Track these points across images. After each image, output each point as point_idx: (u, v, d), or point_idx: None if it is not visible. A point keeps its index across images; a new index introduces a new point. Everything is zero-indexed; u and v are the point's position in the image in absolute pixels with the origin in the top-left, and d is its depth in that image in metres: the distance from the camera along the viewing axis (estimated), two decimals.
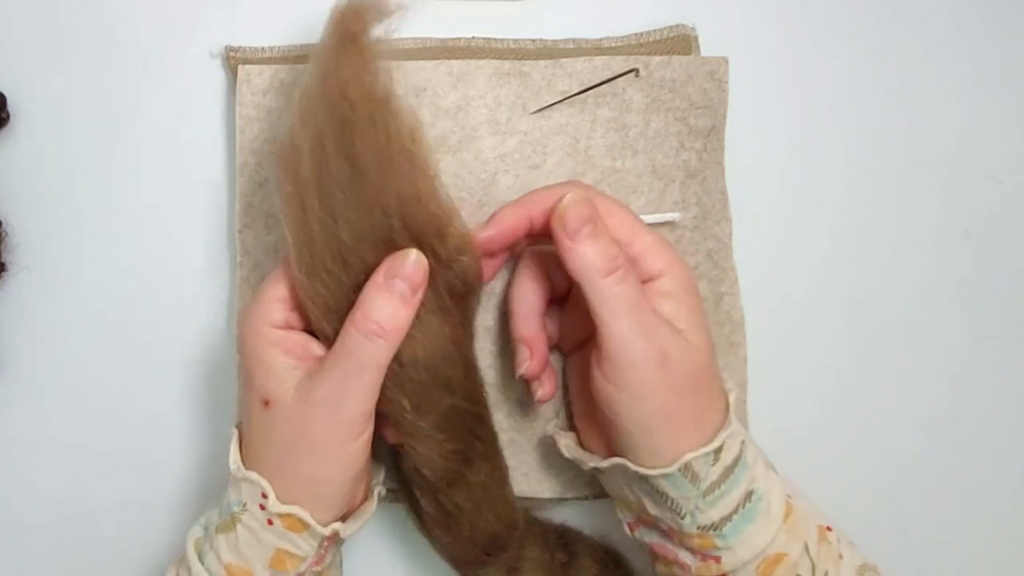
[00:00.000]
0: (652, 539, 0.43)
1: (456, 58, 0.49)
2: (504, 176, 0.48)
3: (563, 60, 0.49)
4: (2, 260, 0.50)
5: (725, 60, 0.50)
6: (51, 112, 0.51)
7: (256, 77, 0.48)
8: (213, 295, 0.51)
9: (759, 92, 0.52)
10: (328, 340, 0.40)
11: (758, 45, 0.52)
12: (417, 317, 0.40)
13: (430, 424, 0.41)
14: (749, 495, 0.40)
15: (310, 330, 0.41)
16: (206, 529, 0.43)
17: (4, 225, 0.50)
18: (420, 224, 0.40)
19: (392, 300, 0.39)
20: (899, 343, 0.52)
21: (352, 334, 0.39)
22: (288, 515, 0.40)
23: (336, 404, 0.39)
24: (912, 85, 0.53)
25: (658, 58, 0.49)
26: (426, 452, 0.42)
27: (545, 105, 0.48)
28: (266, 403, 0.40)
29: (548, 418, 0.49)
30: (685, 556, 0.41)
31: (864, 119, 0.53)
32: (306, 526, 0.40)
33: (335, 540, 0.42)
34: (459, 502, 0.43)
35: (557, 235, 0.40)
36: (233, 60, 0.50)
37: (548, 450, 0.49)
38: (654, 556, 0.44)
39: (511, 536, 0.46)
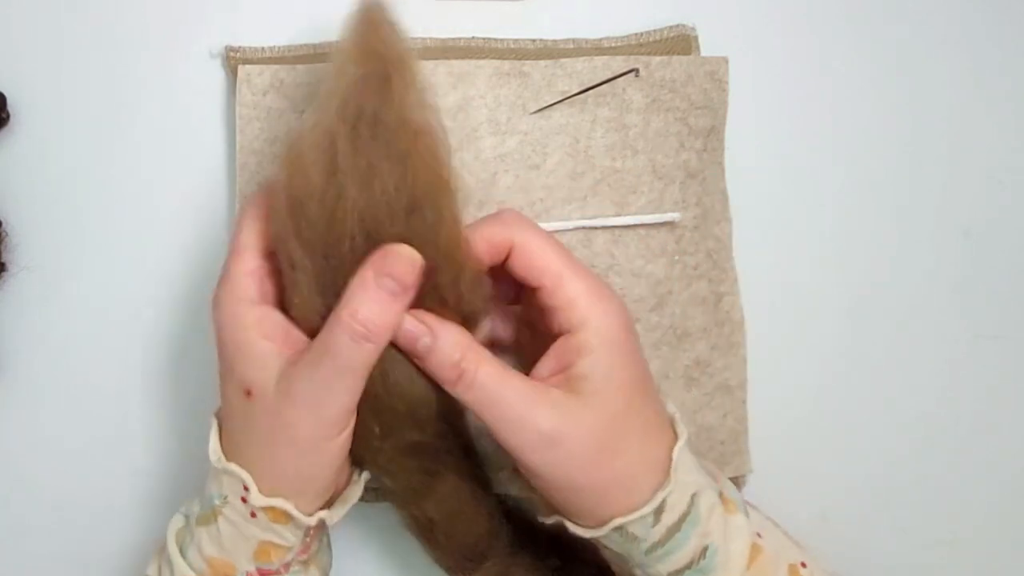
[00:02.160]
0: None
1: (456, 58, 0.49)
2: (504, 176, 0.48)
3: (563, 60, 0.49)
4: (2, 260, 0.50)
5: (725, 60, 0.50)
6: (51, 112, 0.51)
7: (256, 77, 0.48)
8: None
9: (759, 92, 0.52)
10: (308, 326, 0.39)
11: (758, 45, 0.52)
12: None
13: (393, 448, 0.41)
14: (704, 550, 0.39)
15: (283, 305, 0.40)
16: (187, 519, 0.42)
17: (4, 225, 0.50)
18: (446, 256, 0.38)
19: (381, 299, 0.36)
20: (899, 343, 0.52)
21: (337, 334, 0.36)
22: (271, 508, 0.39)
23: (318, 403, 0.37)
24: (912, 85, 0.53)
25: (658, 58, 0.49)
26: (390, 470, 0.42)
27: (545, 105, 0.48)
28: (248, 393, 0.38)
29: None
30: None
31: (864, 119, 0.53)
32: (290, 518, 0.39)
33: (321, 528, 0.42)
34: (430, 514, 0.43)
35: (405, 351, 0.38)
36: (233, 60, 0.50)
37: None
38: None
39: (492, 545, 0.45)
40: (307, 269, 0.37)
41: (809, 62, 0.53)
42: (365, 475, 0.44)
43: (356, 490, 0.43)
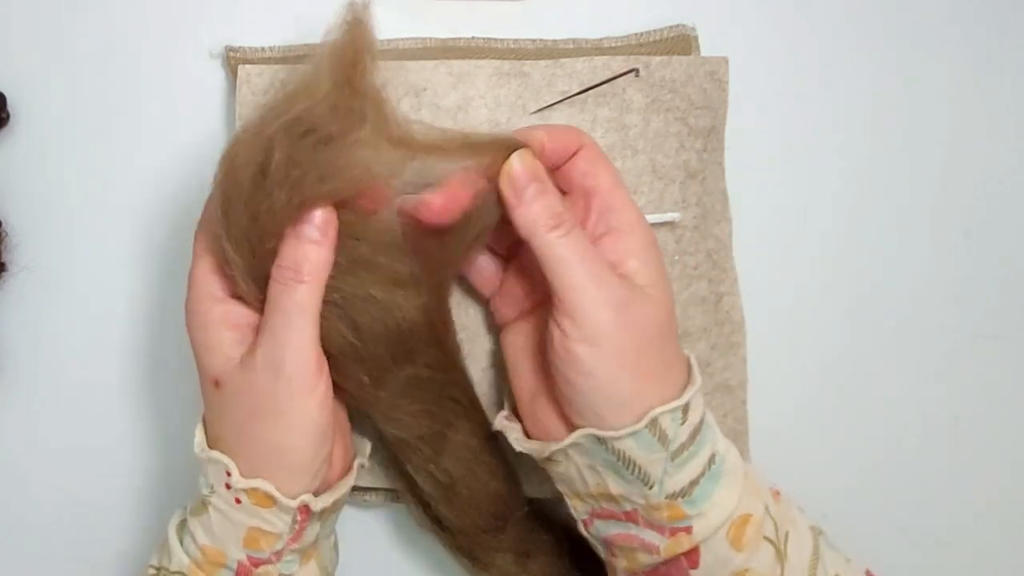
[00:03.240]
0: (612, 531, 0.42)
1: (456, 58, 0.49)
2: None
3: (563, 60, 0.49)
4: (2, 260, 0.50)
5: (725, 60, 0.50)
6: (51, 112, 0.51)
7: (256, 77, 0.48)
8: None
9: (759, 92, 0.52)
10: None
11: (758, 45, 0.52)
12: (365, 285, 0.40)
13: (390, 394, 0.42)
14: (712, 457, 0.40)
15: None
16: (185, 512, 0.43)
17: (4, 225, 0.50)
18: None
19: (302, 244, 0.39)
20: (898, 343, 0.52)
21: (273, 287, 0.39)
22: (254, 490, 0.40)
23: (277, 362, 0.39)
24: (912, 85, 0.53)
25: (658, 58, 0.49)
26: (395, 417, 0.42)
27: (545, 105, 0.48)
28: (217, 383, 0.40)
29: None
30: (652, 537, 0.41)
31: (864, 119, 0.53)
32: (273, 500, 0.40)
33: (310, 515, 0.41)
34: (450, 469, 0.44)
35: (505, 195, 0.40)
36: (233, 60, 0.50)
37: None
38: (613, 550, 0.43)
39: (516, 498, 0.45)
40: (239, 265, 0.39)
41: (809, 62, 0.53)
42: (361, 461, 0.45)
43: (348, 480, 0.44)
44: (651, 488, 0.40)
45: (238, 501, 0.40)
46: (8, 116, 0.50)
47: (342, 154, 0.38)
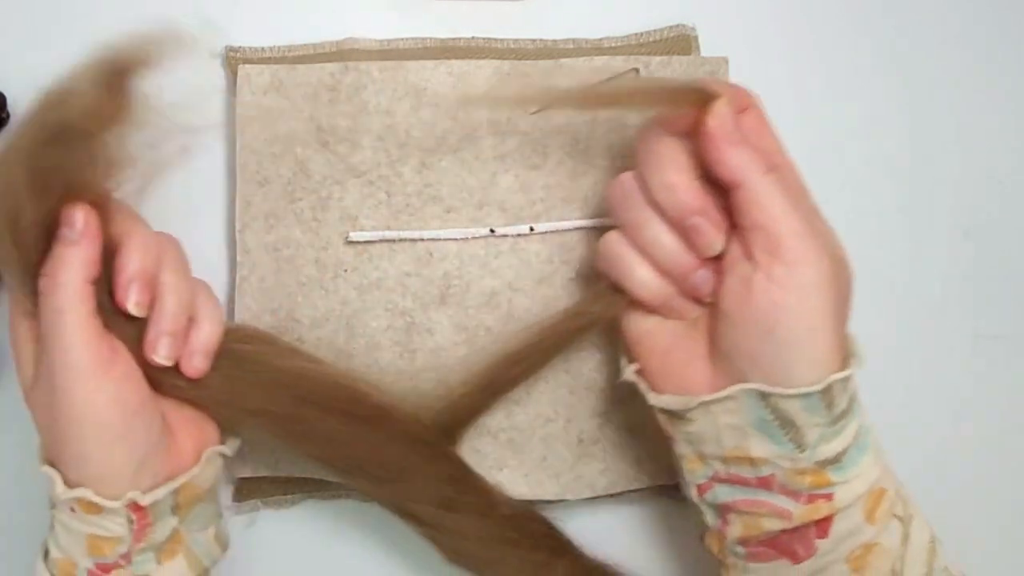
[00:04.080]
0: (735, 496, 0.41)
1: (456, 58, 0.49)
2: (504, 176, 0.48)
3: (563, 60, 0.49)
4: None
5: (725, 60, 0.50)
6: None
7: (256, 77, 0.48)
8: None
9: (759, 92, 0.52)
10: None
11: (758, 45, 0.52)
12: None
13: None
14: (861, 427, 0.40)
15: None
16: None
17: None
18: None
19: (59, 248, 0.39)
20: (898, 343, 0.52)
21: (40, 299, 0.40)
22: (78, 499, 0.40)
23: (52, 371, 0.39)
24: (912, 85, 0.53)
25: (658, 58, 0.49)
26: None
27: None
28: (25, 396, 0.42)
29: (548, 417, 0.49)
30: (785, 503, 0.40)
31: (864, 119, 0.53)
32: (97, 505, 0.40)
33: (143, 511, 0.40)
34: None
35: (714, 138, 0.39)
36: (233, 60, 0.50)
37: (549, 450, 0.49)
38: (728, 516, 0.42)
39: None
40: (15, 281, 0.41)
41: (809, 62, 0.53)
42: (210, 453, 0.43)
43: (194, 471, 0.42)
44: (803, 452, 0.39)
45: (72, 510, 0.40)
46: (8, 116, 0.50)
47: (85, 155, 0.39)
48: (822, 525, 0.40)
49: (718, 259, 0.41)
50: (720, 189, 0.40)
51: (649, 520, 0.52)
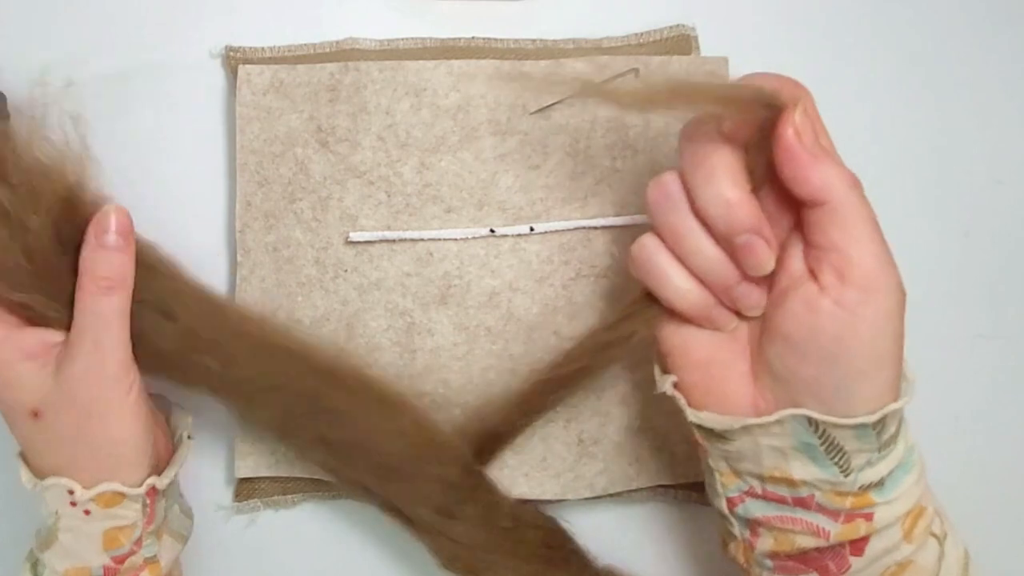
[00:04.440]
0: (768, 512, 0.40)
1: (456, 58, 0.49)
2: (504, 176, 0.48)
3: (563, 60, 0.49)
4: None
5: (725, 60, 0.50)
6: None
7: (256, 77, 0.49)
8: None
9: None
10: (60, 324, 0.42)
11: (758, 45, 0.52)
12: None
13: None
14: (906, 447, 0.39)
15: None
16: (33, 555, 0.44)
17: None
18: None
19: (110, 252, 0.41)
20: None
21: (88, 299, 0.40)
22: (100, 495, 0.41)
23: (99, 365, 0.40)
24: (912, 84, 0.53)
25: (658, 58, 0.49)
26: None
27: (545, 105, 0.48)
28: (36, 414, 0.41)
29: (548, 417, 0.48)
30: (822, 522, 0.38)
31: (863, 119, 0.53)
32: (122, 494, 0.41)
33: (156, 494, 0.43)
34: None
35: (791, 151, 0.36)
36: (233, 60, 0.50)
37: (548, 450, 0.49)
38: (759, 530, 0.40)
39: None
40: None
41: (809, 62, 0.52)
42: (184, 434, 0.46)
43: (181, 452, 0.45)
44: (847, 476, 0.38)
45: (87, 512, 0.41)
46: (8, 116, 0.50)
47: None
48: (858, 544, 0.39)
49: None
50: (778, 201, 0.38)
51: (649, 520, 0.52)
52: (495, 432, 0.46)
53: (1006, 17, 0.53)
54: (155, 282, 0.43)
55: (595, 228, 0.48)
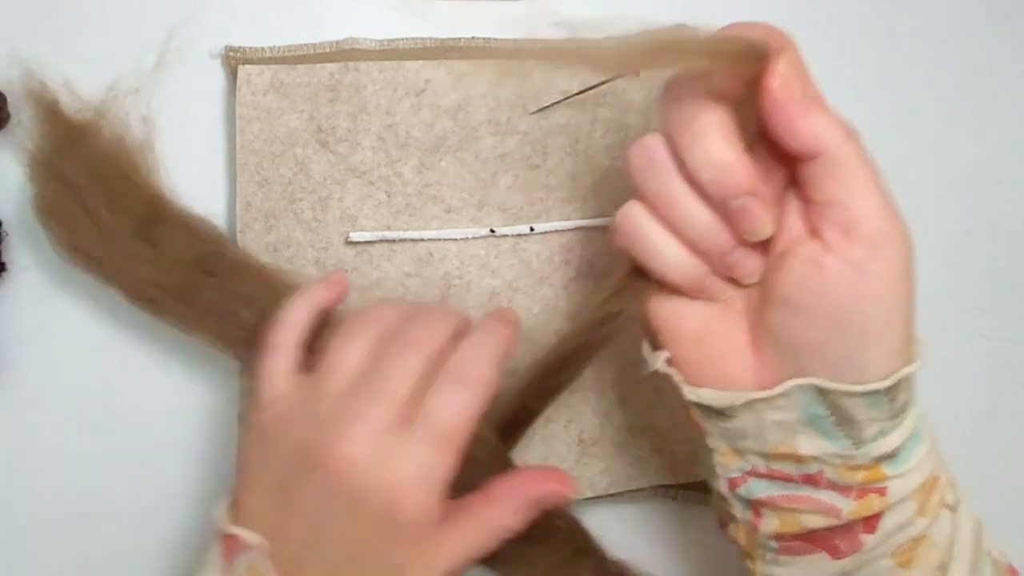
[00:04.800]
0: (772, 492, 0.37)
1: (456, 58, 0.49)
2: (504, 176, 0.48)
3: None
4: (2, 260, 0.50)
5: None
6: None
7: (256, 77, 0.49)
8: None
9: None
10: None
11: None
12: None
13: None
14: (918, 416, 0.37)
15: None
16: None
17: (4, 225, 0.50)
18: None
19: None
20: None
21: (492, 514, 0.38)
22: None
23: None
24: (912, 84, 0.53)
25: None
26: None
27: (545, 105, 0.48)
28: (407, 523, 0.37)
29: (548, 417, 0.48)
30: (833, 499, 0.36)
31: (863, 119, 0.52)
32: None
33: None
34: None
35: (779, 102, 0.34)
36: (233, 60, 0.50)
37: (549, 451, 0.49)
38: (762, 510, 0.38)
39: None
40: None
41: (808, 62, 0.53)
42: None
43: None
44: (859, 448, 0.35)
45: None
46: (8, 116, 0.50)
47: None
48: (871, 520, 0.36)
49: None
50: (774, 157, 0.36)
51: (649, 520, 0.52)
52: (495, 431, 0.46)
53: (1006, 17, 0.53)
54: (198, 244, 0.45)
55: (595, 228, 0.48)
